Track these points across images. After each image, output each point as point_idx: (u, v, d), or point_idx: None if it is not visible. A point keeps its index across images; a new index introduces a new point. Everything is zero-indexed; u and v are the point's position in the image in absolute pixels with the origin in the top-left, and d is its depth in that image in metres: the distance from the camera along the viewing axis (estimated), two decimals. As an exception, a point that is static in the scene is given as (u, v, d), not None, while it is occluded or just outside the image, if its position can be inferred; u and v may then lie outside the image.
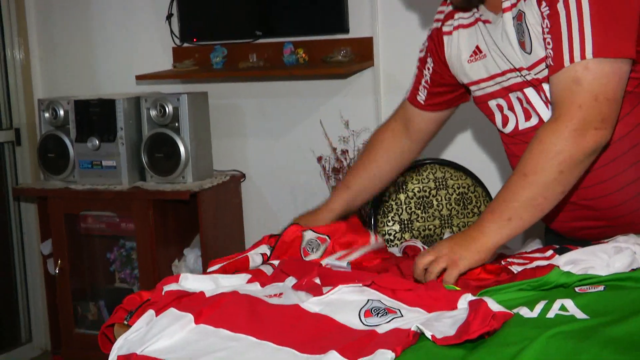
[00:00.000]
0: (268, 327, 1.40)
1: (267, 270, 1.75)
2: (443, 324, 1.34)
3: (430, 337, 1.28)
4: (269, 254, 1.85)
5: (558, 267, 1.52)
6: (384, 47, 3.39)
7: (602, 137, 1.54)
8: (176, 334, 1.40)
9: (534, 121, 1.75)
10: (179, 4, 3.60)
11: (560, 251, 1.66)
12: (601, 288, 1.43)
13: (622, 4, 1.55)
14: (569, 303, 1.35)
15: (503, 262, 1.67)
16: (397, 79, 3.37)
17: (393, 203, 2.79)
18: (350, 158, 3.34)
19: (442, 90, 1.99)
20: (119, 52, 3.88)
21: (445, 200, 2.80)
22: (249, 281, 1.66)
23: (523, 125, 1.78)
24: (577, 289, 1.44)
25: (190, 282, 1.61)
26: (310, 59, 3.43)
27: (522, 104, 1.80)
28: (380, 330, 1.34)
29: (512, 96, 1.80)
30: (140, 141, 3.43)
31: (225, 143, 3.73)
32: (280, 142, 3.69)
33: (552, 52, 1.57)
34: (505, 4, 1.71)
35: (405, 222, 2.76)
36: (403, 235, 2.73)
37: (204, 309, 1.46)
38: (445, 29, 1.92)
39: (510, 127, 1.82)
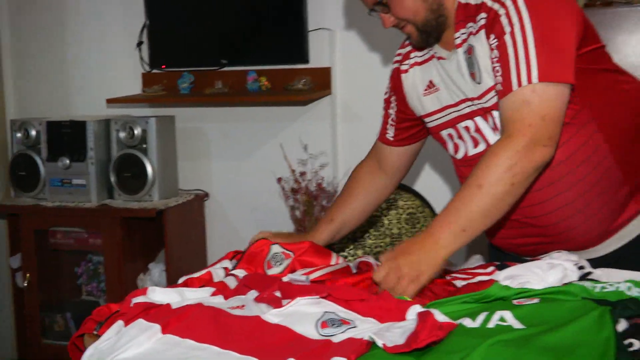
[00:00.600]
0: (231, 337, 1.42)
1: (231, 283, 1.75)
2: (393, 334, 1.36)
3: (382, 345, 1.31)
4: (230, 268, 1.87)
5: (498, 281, 1.55)
6: (341, 77, 3.46)
7: (549, 153, 1.60)
8: (144, 343, 1.41)
9: (481, 147, 1.82)
10: (149, 32, 3.63)
11: (501, 267, 1.68)
12: (536, 300, 1.47)
13: (563, 36, 1.62)
14: (507, 314, 1.39)
15: (448, 277, 1.70)
16: (353, 107, 3.48)
17: (347, 222, 2.83)
18: (307, 179, 3.38)
19: (408, 125, 2.03)
20: (91, 76, 3.87)
21: (396, 219, 2.84)
22: (213, 294, 1.67)
23: (472, 151, 1.84)
24: (514, 302, 1.48)
25: (158, 294, 1.62)
26: (272, 86, 3.46)
27: (469, 133, 1.85)
28: (336, 339, 1.36)
29: (460, 126, 1.86)
30: (109, 161, 3.44)
31: (190, 164, 3.74)
32: (243, 164, 3.70)
33: (501, 78, 1.63)
34: (457, 41, 1.77)
35: (358, 239, 2.78)
36: (356, 252, 2.76)
37: (171, 320, 1.47)
38: (402, 67, 1.98)
39: (460, 154, 1.87)
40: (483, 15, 1.69)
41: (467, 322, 1.36)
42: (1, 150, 3.88)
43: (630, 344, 1.25)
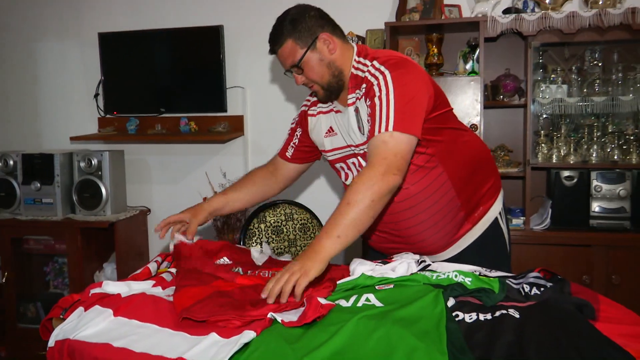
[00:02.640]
0: (166, 318, 1.47)
1: (167, 277, 1.79)
2: (289, 313, 1.46)
3: (280, 321, 1.40)
4: (160, 261, 1.96)
5: (364, 273, 1.68)
6: (251, 122, 3.70)
7: (397, 180, 1.70)
8: (100, 324, 1.46)
9: None
10: (104, 86, 3.80)
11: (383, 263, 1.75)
12: (392, 286, 1.60)
13: (415, 104, 1.76)
14: (371, 296, 1.51)
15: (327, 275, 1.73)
16: (260, 145, 3.71)
17: (256, 230, 2.90)
18: None
19: (305, 149, 2.14)
20: (58, 119, 4.02)
21: (292, 228, 2.97)
22: (154, 285, 1.70)
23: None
24: (376, 287, 1.60)
25: (110, 286, 1.64)
26: (199, 129, 3.66)
27: (355, 167, 1.97)
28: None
29: (349, 162, 1.98)
30: (72, 184, 3.59)
31: (136, 187, 3.90)
32: (177, 187, 3.87)
33: (369, 126, 1.76)
34: (349, 101, 1.88)
35: (263, 243, 2.76)
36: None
37: (120, 306, 1.52)
38: (310, 112, 2.08)
39: (349, 180, 1.99)
40: (364, 85, 1.82)
41: (343, 303, 1.49)
42: None
43: (457, 315, 1.39)
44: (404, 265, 1.72)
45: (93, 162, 3.57)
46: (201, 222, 2.08)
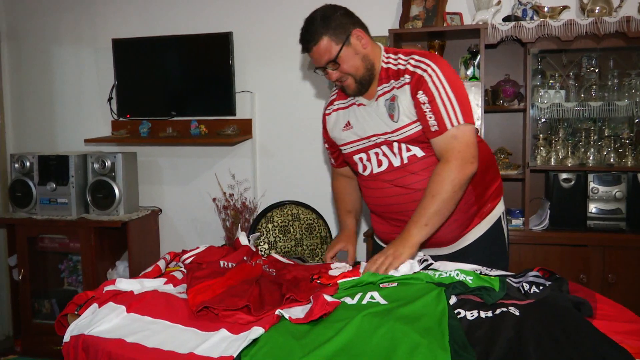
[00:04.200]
0: (178, 314, 1.49)
1: (178, 275, 1.82)
2: (296, 310, 1.48)
3: (288, 318, 1.41)
4: (169, 259, 1.99)
5: (369, 271, 1.71)
6: (259, 126, 3.70)
7: (474, 167, 1.81)
8: (113, 320, 1.48)
9: (383, 167, 1.95)
10: (117, 90, 3.79)
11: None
12: (395, 284, 1.62)
13: (467, 100, 1.83)
14: (375, 294, 1.52)
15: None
16: (267, 147, 3.72)
17: (263, 230, 2.93)
18: (235, 199, 3.58)
19: (337, 151, 2.16)
20: (73, 122, 4.03)
21: (298, 228, 2.98)
22: (165, 283, 1.73)
23: (376, 170, 1.97)
24: (381, 285, 1.62)
25: (124, 284, 1.67)
26: (209, 132, 3.65)
27: (377, 157, 1.96)
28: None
29: (371, 152, 1.98)
30: (86, 185, 3.60)
31: (148, 187, 3.91)
32: (187, 188, 3.87)
33: (435, 123, 1.80)
34: (379, 93, 1.92)
35: (272, 242, 2.94)
36: (270, 251, 2.93)
37: (133, 302, 1.53)
38: (327, 112, 2.14)
39: (367, 172, 2.01)
40: (407, 76, 1.86)
41: (348, 300, 1.51)
42: (2, 177, 4.02)
43: (459, 312, 1.41)
44: (407, 264, 1.74)
45: (106, 164, 3.58)
46: (355, 245, 2.18)
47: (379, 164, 1.97)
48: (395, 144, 1.91)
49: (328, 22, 1.86)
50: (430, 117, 1.81)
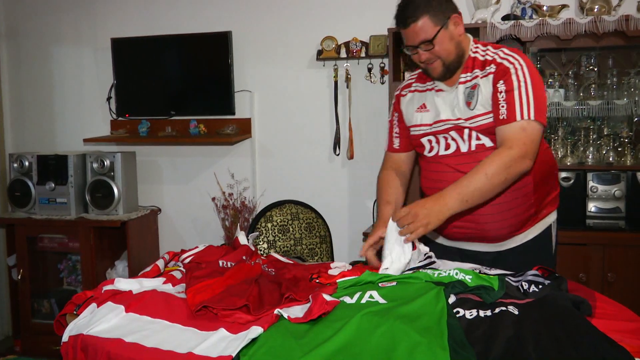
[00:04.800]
0: (177, 314, 1.49)
1: (177, 275, 1.82)
2: (295, 310, 1.48)
3: (287, 317, 1.42)
4: (168, 258, 1.99)
5: (368, 269, 1.74)
6: (258, 125, 3.71)
7: (530, 165, 1.80)
8: (112, 320, 1.48)
9: (450, 150, 1.95)
10: (116, 89, 3.80)
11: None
12: (394, 283, 1.62)
13: (544, 95, 1.85)
14: (374, 293, 1.52)
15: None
16: (266, 147, 3.73)
17: (263, 229, 2.91)
18: (234, 199, 3.59)
19: (408, 135, 2.12)
20: (72, 121, 4.03)
21: (298, 227, 2.98)
22: (164, 283, 1.73)
23: (442, 152, 1.98)
24: (380, 284, 1.62)
25: (122, 283, 1.67)
26: (208, 131, 3.66)
27: (446, 140, 1.96)
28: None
29: (440, 136, 1.98)
30: (85, 185, 3.60)
31: (147, 187, 3.91)
32: (186, 187, 3.88)
33: (506, 111, 1.80)
34: (460, 81, 1.93)
35: (271, 242, 2.91)
36: (269, 250, 2.87)
37: (132, 302, 1.53)
38: (402, 93, 2.12)
39: (432, 153, 2.01)
40: (493, 65, 1.87)
41: (347, 299, 1.51)
42: (1, 176, 4.00)
43: (458, 312, 1.41)
44: (413, 253, 1.75)
45: (106, 163, 3.59)
46: None
47: (447, 147, 1.97)
48: (466, 131, 1.92)
49: (430, 2, 1.86)
50: (502, 106, 1.81)
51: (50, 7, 4.01)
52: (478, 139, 1.91)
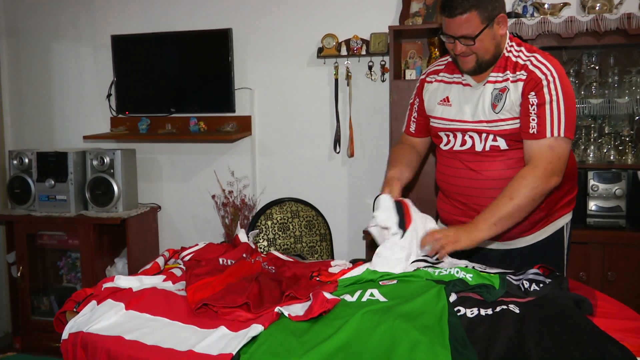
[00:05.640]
0: (177, 312, 1.50)
1: (177, 272, 1.83)
2: (296, 307, 1.49)
3: (287, 315, 1.43)
4: (168, 256, 2.01)
5: (368, 268, 1.73)
6: (258, 122, 3.71)
7: (558, 181, 1.80)
8: (112, 317, 1.48)
9: (466, 147, 1.95)
10: (116, 86, 3.81)
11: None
12: (395, 281, 1.62)
13: (574, 110, 1.83)
14: (375, 291, 1.53)
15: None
16: (266, 144, 3.73)
17: (263, 227, 2.91)
18: (234, 196, 3.59)
19: (426, 121, 2.11)
20: (72, 118, 4.03)
21: (298, 225, 2.99)
22: (164, 280, 1.74)
23: (457, 147, 1.98)
24: (380, 282, 1.63)
25: (122, 281, 1.68)
26: (208, 129, 3.66)
27: (463, 137, 1.96)
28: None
29: (458, 132, 1.97)
30: (84, 182, 3.61)
31: (147, 184, 3.92)
32: (186, 185, 3.88)
33: (536, 126, 1.78)
34: (490, 79, 1.89)
35: (271, 239, 2.93)
36: (269, 248, 2.89)
37: (132, 299, 1.54)
38: (428, 79, 2.09)
39: (448, 146, 2.01)
40: (524, 72, 1.83)
41: (348, 297, 1.52)
42: (1, 173, 4.01)
43: (459, 310, 1.42)
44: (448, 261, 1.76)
45: (105, 161, 3.60)
46: (399, 189, 2.02)
47: (463, 143, 1.96)
48: (484, 133, 1.90)
49: None
50: (533, 119, 1.80)
51: (50, 4, 4.01)
52: (494, 140, 1.90)
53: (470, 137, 1.94)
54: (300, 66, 3.63)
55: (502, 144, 1.90)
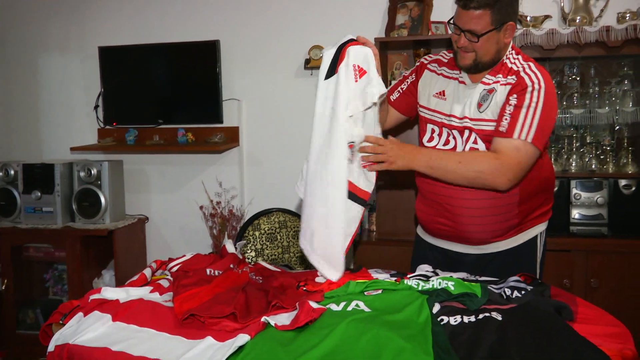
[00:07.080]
0: (164, 322, 1.51)
1: (164, 283, 1.83)
2: (282, 317, 1.50)
3: (274, 325, 1.44)
4: (155, 267, 2.02)
5: (352, 281, 1.73)
6: (246, 133, 3.71)
7: (507, 186, 1.80)
8: (99, 329, 1.49)
9: (449, 147, 1.95)
10: (103, 97, 3.80)
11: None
12: (380, 291, 1.64)
13: (551, 124, 1.84)
14: (360, 302, 1.55)
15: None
16: (254, 155, 3.73)
17: (250, 237, 2.92)
18: (222, 207, 3.59)
19: (409, 100, 2.13)
20: (58, 130, 4.01)
21: (286, 235, 3.00)
22: (151, 291, 1.74)
23: (440, 146, 1.98)
24: (365, 293, 1.64)
25: (109, 292, 1.68)
26: (196, 140, 3.67)
27: (447, 136, 1.97)
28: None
29: (445, 129, 1.98)
30: (71, 193, 3.59)
31: (134, 196, 3.91)
32: (174, 196, 3.87)
33: (507, 125, 1.78)
34: (484, 80, 1.91)
35: (259, 250, 2.94)
36: (257, 259, 2.90)
37: (119, 311, 1.55)
38: (430, 67, 2.09)
39: (431, 144, 2.01)
40: (514, 77, 1.85)
41: (333, 307, 1.54)
42: None
43: (442, 320, 1.44)
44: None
45: (92, 172, 3.59)
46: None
47: (446, 142, 1.97)
48: (466, 132, 1.91)
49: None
50: (506, 119, 1.80)
51: (37, 15, 4.00)
52: (475, 142, 1.91)
53: (454, 137, 1.96)
54: (288, 77, 3.64)
55: (481, 146, 1.91)
